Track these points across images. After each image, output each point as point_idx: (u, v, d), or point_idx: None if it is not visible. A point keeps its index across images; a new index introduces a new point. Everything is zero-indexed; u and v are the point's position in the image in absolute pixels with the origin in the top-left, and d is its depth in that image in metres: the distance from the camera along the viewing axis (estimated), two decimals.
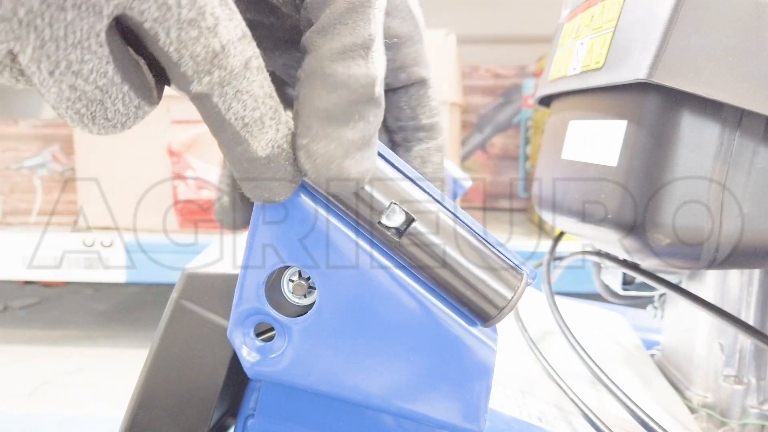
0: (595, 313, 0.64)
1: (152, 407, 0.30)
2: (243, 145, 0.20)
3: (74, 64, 0.17)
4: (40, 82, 0.17)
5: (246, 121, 0.19)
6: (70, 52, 0.17)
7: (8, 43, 0.16)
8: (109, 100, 0.18)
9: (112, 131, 0.19)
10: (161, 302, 0.32)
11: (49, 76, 0.17)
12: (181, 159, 1.53)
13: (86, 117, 0.18)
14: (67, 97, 0.17)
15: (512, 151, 2.02)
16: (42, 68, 0.17)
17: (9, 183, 1.69)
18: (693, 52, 0.32)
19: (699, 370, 0.48)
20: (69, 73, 0.17)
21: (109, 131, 0.19)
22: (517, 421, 0.37)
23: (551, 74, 0.49)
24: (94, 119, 0.18)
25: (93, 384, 1.40)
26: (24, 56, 0.16)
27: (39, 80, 0.17)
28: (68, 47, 0.16)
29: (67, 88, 0.17)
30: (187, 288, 0.30)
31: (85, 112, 0.18)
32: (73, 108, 0.18)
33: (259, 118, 0.20)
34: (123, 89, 0.18)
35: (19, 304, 1.96)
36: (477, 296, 0.24)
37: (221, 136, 0.20)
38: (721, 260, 0.34)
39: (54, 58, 0.16)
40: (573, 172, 0.43)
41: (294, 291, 0.25)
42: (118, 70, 0.18)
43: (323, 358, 0.24)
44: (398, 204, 0.23)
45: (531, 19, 2.01)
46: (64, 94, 0.17)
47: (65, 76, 0.17)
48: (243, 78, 0.19)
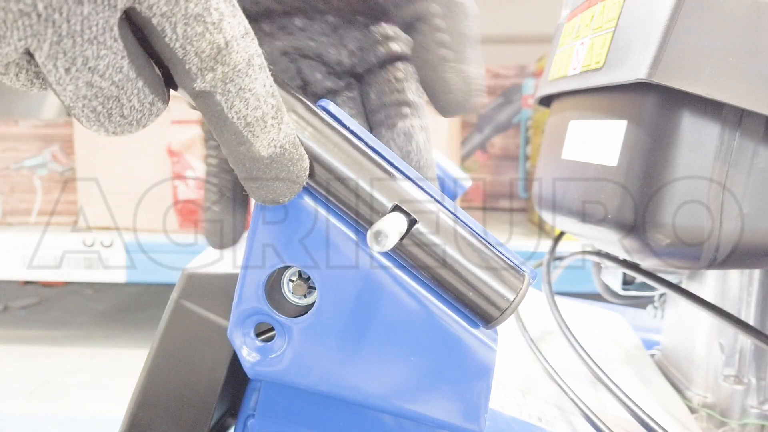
0: (595, 313, 0.64)
1: (152, 407, 0.30)
2: (245, 144, 0.20)
3: (90, 60, 0.17)
4: (56, 80, 0.17)
5: (248, 120, 0.19)
6: (86, 48, 0.17)
7: (26, 39, 0.16)
8: (125, 96, 0.18)
9: (128, 130, 0.19)
10: (161, 302, 0.32)
11: (65, 73, 0.17)
12: (181, 159, 1.53)
13: (102, 115, 0.18)
14: (83, 95, 0.17)
15: (512, 151, 2.02)
16: (58, 65, 0.17)
17: (9, 183, 1.69)
18: (693, 52, 0.32)
19: (699, 370, 0.48)
20: (85, 69, 0.17)
21: (125, 130, 0.19)
22: (517, 421, 0.37)
23: (551, 74, 0.49)
24: (110, 117, 0.18)
25: (93, 384, 1.40)
26: (41, 53, 0.16)
27: (55, 78, 0.17)
28: (84, 43, 0.16)
29: (83, 85, 0.17)
30: (187, 288, 0.30)
31: (102, 110, 0.18)
32: (90, 106, 0.18)
33: (261, 117, 0.20)
34: (138, 85, 0.18)
35: (19, 304, 1.96)
36: (479, 298, 0.24)
37: (223, 135, 0.20)
38: (721, 260, 0.34)
39: (70, 54, 0.16)
40: (573, 172, 0.43)
41: (294, 291, 0.25)
42: (133, 65, 0.18)
43: (323, 358, 0.24)
44: (400, 205, 0.23)
45: (531, 19, 2.01)
46: (80, 92, 0.17)
47: (81, 73, 0.17)
48: (246, 75, 0.19)
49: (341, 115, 0.24)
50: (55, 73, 0.17)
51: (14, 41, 0.15)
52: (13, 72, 0.17)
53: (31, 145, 1.69)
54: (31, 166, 1.69)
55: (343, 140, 0.23)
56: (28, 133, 1.69)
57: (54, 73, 0.17)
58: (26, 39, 0.16)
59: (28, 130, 1.69)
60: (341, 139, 0.23)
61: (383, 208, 0.23)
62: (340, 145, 0.23)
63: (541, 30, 1.58)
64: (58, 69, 0.17)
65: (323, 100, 0.25)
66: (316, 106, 0.24)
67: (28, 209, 1.71)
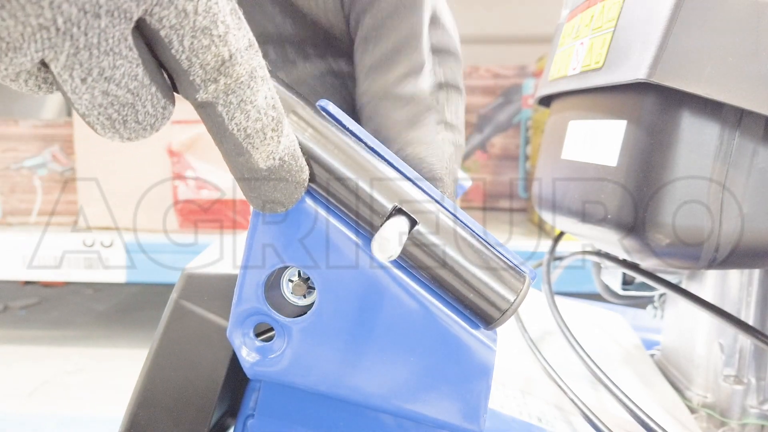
0: (595, 313, 0.64)
1: (152, 407, 0.30)
2: (244, 155, 0.20)
3: (107, 70, 0.17)
4: (71, 89, 0.17)
5: (248, 132, 0.20)
6: (102, 59, 0.17)
7: (43, 51, 0.16)
8: (140, 102, 0.18)
9: (142, 134, 0.19)
10: (161, 302, 0.32)
11: (81, 83, 0.17)
12: (181, 159, 1.53)
13: (118, 122, 0.18)
14: (99, 103, 0.18)
15: (512, 151, 2.02)
16: (74, 75, 0.17)
17: (9, 183, 1.69)
18: (693, 52, 0.32)
19: (699, 370, 0.48)
20: (101, 78, 0.17)
21: (139, 135, 0.19)
22: (516, 421, 0.37)
23: (551, 74, 0.49)
24: (126, 123, 0.18)
25: (93, 384, 1.40)
26: (56, 64, 0.16)
27: (71, 88, 0.17)
28: (101, 54, 0.17)
29: (99, 93, 0.17)
30: (186, 288, 0.30)
31: (117, 117, 0.18)
32: (105, 114, 0.18)
33: (261, 130, 0.20)
34: (151, 90, 0.18)
35: (19, 304, 1.96)
36: (479, 299, 0.24)
37: (224, 146, 0.20)
38: (721, 260, 0.34)
39: (87, 65, 0.17)
40: (573, 172, 0.43)
41: (293, 291, 0.25)
42: (147, 72, 0.18)
43: (323, 359, 0.24)
44: (400, 206, 0.23)
45: (531, 19, 2.01)
46: (96, 100, 0.17)
47: (98, 82, 0.17)
48: (247, 87, 0.19)
49: (341, 115, 0.24)
50: (71, 82, 0.17)
51: (31, 52, 0.16)
52: (23, 78, 0.17)
53: (31, 145, 1.69)
54: (31, 166, 1.69)
55: (343, 141, 0.23)
56: (28, 133, 1.69)
57: (70, 82, 0.17)
58: (43, 50, 0.16)
59: (28, 130, 1.69)
60: (341, 140, 0.23)
61: (383, 208, 0.23)
62: (340, 145, 0.23)
63: (541, 30, 1.58)
64: (74, 79, 0.17)
65: (323, 101, 0.25)
66: (316, 106, 0.24)
67: (28, 209, 1.71)
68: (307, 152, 0.23)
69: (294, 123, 0.23)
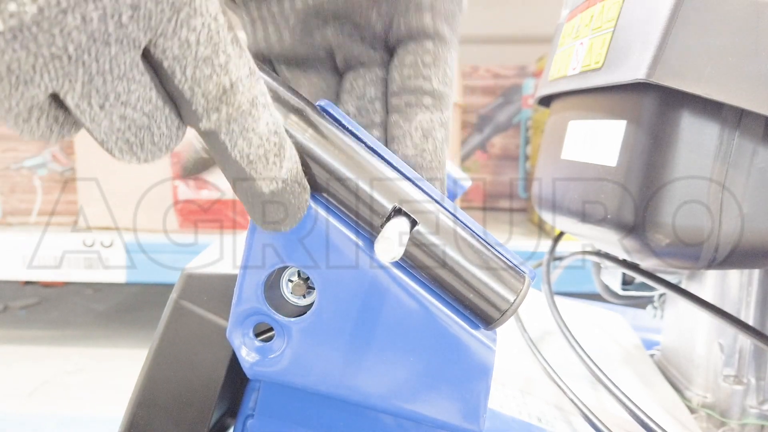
0: (595, 313, 0.64)
1: (152, 407, 0.30)
2: (248, 181, 0.21)
3: (122, 95, 0.17)
4: (91, 118, 0.17)
5: (251, 158, 0.20)
6: (117, 84, 0.17)
7: (58, 80, 0.16)
8: (155, 124, 0.19)
9: (158, 155, 0.20)
10: (161, 302, 0.32)
11: (99, 109, 0.17)
12: (181, 159, 1.53)
13: (135, 145, 0.19)
14: (117, 128, 0.18)
15: (512, 151, 2.02)
16: (93, 103, 0.17)
17: (9, 183, 1.69)
18: (693, 52, 0.32)
19: (699, 370, 0.48)
20: (118, 103, 0.17)
21: (155, 156, 0.20)
22: (516, 421, 0.37)
23: (551, 74, 0.49)
24: (143, 146, 0.19)
25: (93, 384, 1.40)
26: (73, 94, 0.17)
27: (90, 117, 0.17)
28: (115, 80, 0.17)
29: (117, 118, 0.18)
30: (186, 288, 0.30)
31: (134, 140, 0.19)
32: (123, 138, 0.18)
33: (264, 155, 0.20)
34: (165, 111, 0.19)
35: (19, 304, 1.96)
36: (479, 299, 0.24)
37: (227, 171, 0.21)
38: (720, 260, 0.34)
39: (103, 91, 0.17)
40: (573, 172, 0.43)
41: (293, 291, 0.25)
42: (159, 94, 0.19)
43: (322, 359, 0.24)
44: (400, 207, 0.23)
45: (531, 19, 2.01)
46: (114, 126, 0.18)
47: (115, 108, 0.18)
48: (249, 115, 0.19)
49: (341, 115, 0.24)
50: (90, 111, 0.17)
51: (44, 83, 0.16)
52: (35, 117, 0.18)
53: (31, 145, 1.69)
54: (31, 166, 1.69)
55: (343, 141, 0.23)
56: None
57: (89, 111, 0.17)
58: (57, 80, 0.16)
59: None
60: (341, 140, 0.23)
61: (383, 209, 0.23)
62: (340, 146, 0.23)
63: (541, 30, 1.58)
64: (92, 107, 0.17)
65: (323, 101, 0.25)
66: (316, 106, 0.24)
67: (28, 209, 1.71)
68: (307, 153, 0.23)
69: (294, 123, 0.23)
